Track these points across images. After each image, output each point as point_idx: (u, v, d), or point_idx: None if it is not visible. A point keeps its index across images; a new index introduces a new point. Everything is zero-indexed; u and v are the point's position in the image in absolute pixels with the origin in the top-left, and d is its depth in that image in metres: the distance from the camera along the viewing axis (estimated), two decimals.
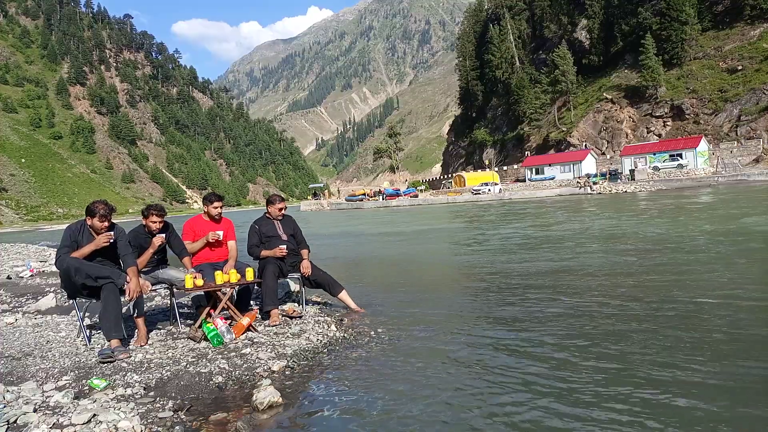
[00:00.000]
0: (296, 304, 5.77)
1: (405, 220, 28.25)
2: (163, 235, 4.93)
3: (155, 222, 4.95)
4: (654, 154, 53.62)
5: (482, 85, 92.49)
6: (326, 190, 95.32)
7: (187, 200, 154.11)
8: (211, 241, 5.20)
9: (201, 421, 3.03)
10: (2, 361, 4.11)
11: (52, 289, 7.68)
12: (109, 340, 4.22)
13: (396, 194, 66.86)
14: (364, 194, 73.24)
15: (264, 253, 5.37)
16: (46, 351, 4.37)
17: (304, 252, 5.50)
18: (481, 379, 3.56)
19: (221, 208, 5.32)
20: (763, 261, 7.87)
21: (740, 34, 59.67)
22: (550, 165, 63.19)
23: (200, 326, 4.60)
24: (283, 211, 5.59)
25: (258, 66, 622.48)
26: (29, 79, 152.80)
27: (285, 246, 5.37)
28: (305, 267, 5.36)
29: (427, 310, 5.78)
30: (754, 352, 3.74)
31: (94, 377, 3.60)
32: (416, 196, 66.07)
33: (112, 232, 4.37)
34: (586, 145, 64.20)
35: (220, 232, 5.24)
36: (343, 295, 5.66)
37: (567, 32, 79.37)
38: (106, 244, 4.33)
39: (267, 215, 5.64)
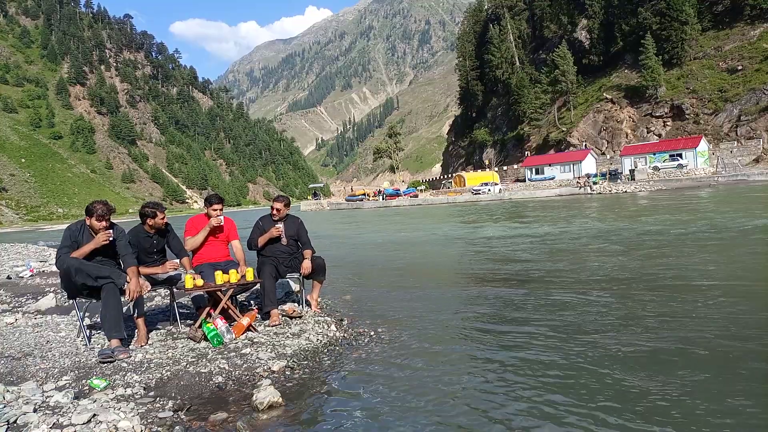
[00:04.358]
0: (296, 304, 5.76)
1: (405, 221, 28.23)
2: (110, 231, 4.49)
3: (162, 220, 4.98)
4: (654, 154, 53.62)
5: (482, 85, 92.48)
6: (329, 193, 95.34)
7: (187, 200, 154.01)
8: (215, 225, 5.22)
9: (201, 421, 3.04)
10: (2, 361, 4.11)
11: (52, 289, 7.67)
12: (109, 340, 4.23)
13: (396, 194, 66.96)
14: (364, 194, 73.37)
15: (261, 239, 5.41)
16: (46, 351, 4.37)
17: (307, 252, 5.48)
18: (481, 379, 3.56)
19: (220, 211, 5.31)
20: None
21: (740, 34, 59.66)
22: (550, 165, 63.18)
23: (200, 326, 4.60)
24: (280, 212, 5.50)
25: (258, 66, 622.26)
26: (29, 79, 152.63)
27: (281, 226, 5.41)
28: (305, 267, 5.35)
29: (427, 310, 5.78)
30: None
31: (94, 377, 3.60)
32: (416, 196, 66.10)
33: (110, 230, 4.37)
34: (586, 145, 64.19)
35: (221, 217, 5.29)
36: (317, 286, 5.66)
37: (567, 32, 79.33)
38: (105, 242, 4.34)
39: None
